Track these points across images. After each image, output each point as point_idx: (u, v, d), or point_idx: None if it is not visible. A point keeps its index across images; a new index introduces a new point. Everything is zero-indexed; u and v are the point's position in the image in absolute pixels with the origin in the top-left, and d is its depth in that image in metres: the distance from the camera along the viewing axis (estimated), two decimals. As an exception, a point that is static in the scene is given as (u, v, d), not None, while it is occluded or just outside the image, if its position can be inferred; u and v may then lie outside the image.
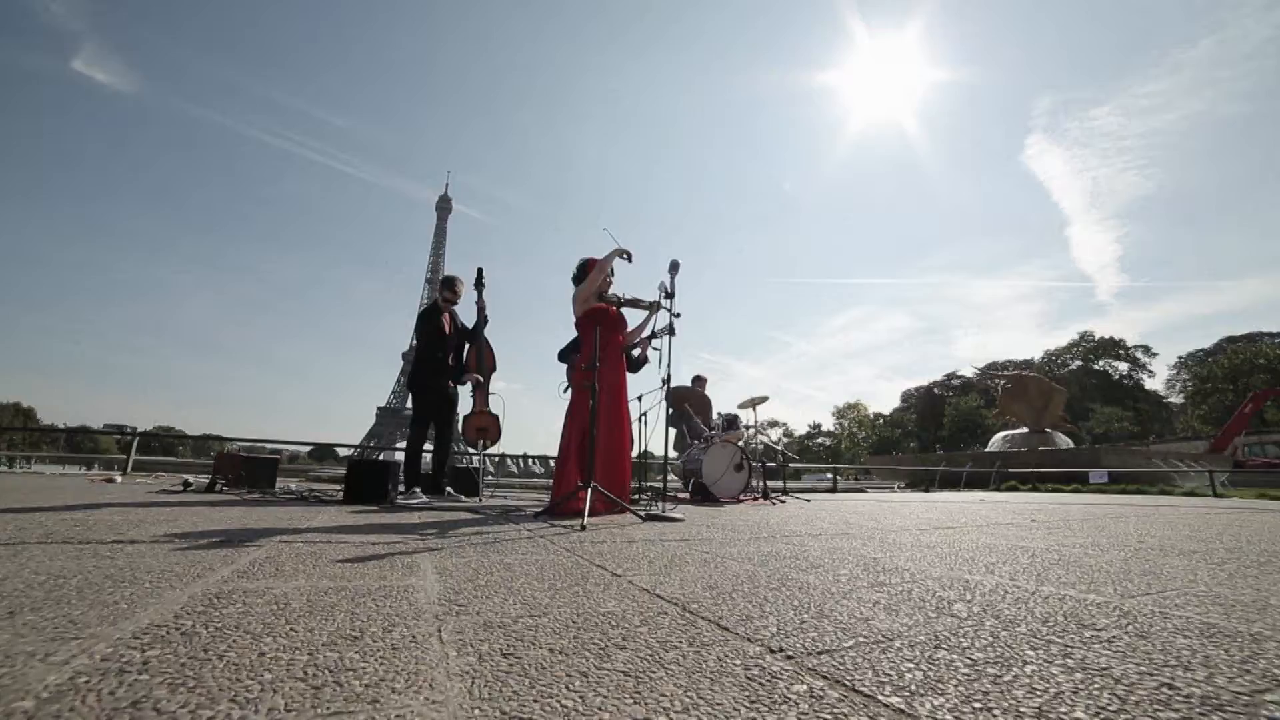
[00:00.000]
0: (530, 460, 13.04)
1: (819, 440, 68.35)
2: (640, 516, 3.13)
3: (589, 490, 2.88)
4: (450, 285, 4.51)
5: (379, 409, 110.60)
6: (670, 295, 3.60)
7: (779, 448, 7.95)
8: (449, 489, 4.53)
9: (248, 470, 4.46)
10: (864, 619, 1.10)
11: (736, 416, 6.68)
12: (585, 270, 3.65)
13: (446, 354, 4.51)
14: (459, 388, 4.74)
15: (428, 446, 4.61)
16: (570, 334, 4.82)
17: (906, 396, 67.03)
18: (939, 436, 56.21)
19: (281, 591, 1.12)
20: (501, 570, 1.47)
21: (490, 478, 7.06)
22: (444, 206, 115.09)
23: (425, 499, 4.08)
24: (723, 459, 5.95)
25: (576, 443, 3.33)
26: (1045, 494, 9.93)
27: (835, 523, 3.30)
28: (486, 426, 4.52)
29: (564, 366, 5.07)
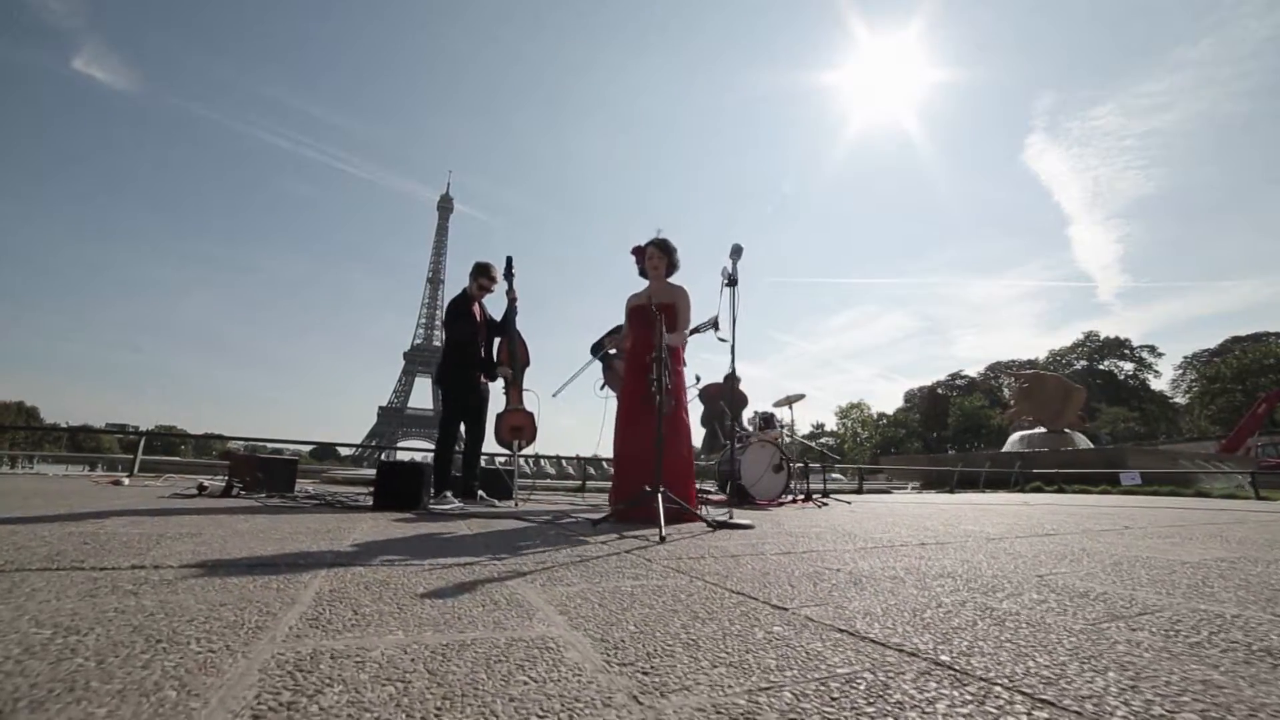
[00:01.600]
0: (542, 461, 12.69)
1: (822, 440, 67.93)
2: (709, 524, 2.81)
3: (660, 496, 2.55)
4: (485, 272, 4.17)
5: (380, 408, 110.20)
6: (734, 282, 3.28)
7: (820, 447, 7.62)
8: (481, 493, 4.21)
9: (265, 472, 4.13)
10: (1214, 684, 0.77)
11: (773, 415, 6.35)
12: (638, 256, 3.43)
13: (478, 347, 4.18)
14: (489, 384, 4.41)
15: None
16: (600, 330, 4.53)
17: (910, 396, 66.69)
18: (943, 436, 55.88)
19: (383, 654, 0.80)
20: (634, 605, 1.14)
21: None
22: (445, 206, 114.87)
23: (458, 503, 3.76)
24: (762, 460, 5.63)
25: (636, 445, 3.01)
26: (1078, 495, 9.59)
27: (912, 529, 2.98)
28: (521, 426, 4.19)
29: (591, 366, 4.77)
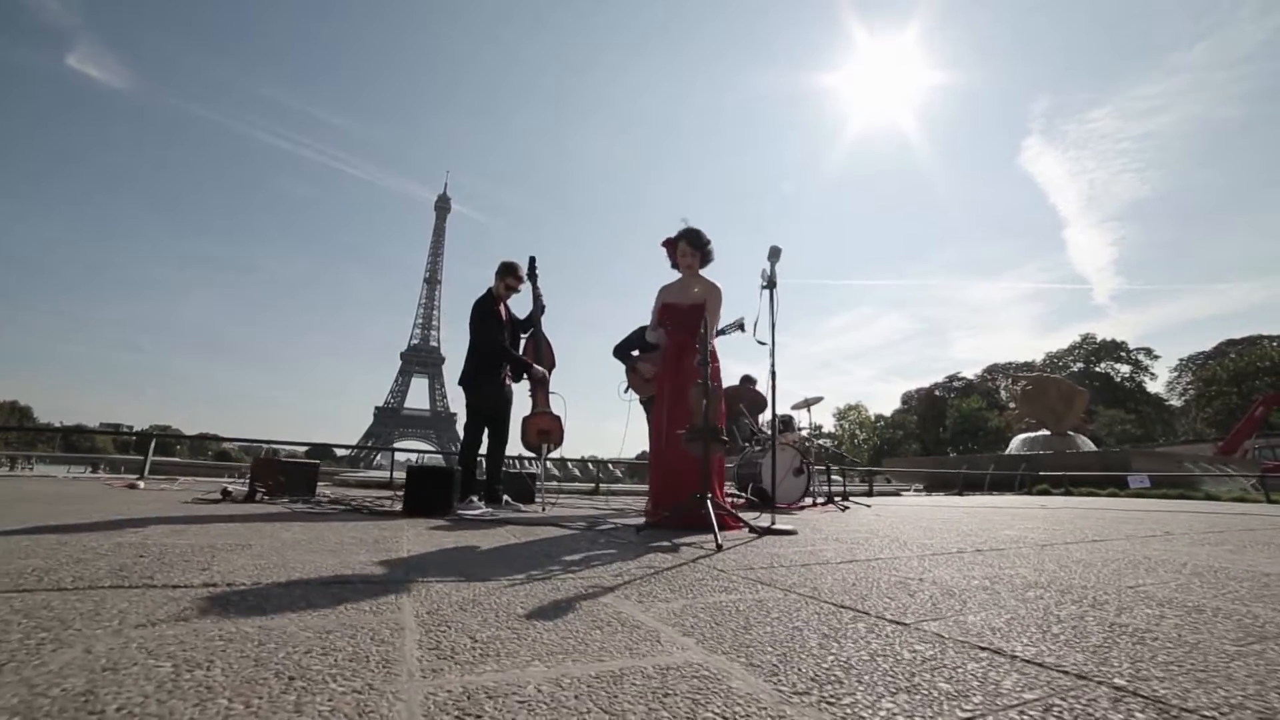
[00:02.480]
0: (548, 463, 12.62)
1: (820, 442, 67.80)
2: (754, 530, 2.75)
3: (709, 503, 2.49)
4: (512, 272, 4.09)
5: (376, 409, 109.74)
6: (773, 285, 3.22)
7: (840, 449, 7.58)
8: (506, 497, 4.14)
9: (287, 476, 4.05)
10: None
11: (792, 418, 6.31)
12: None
13: (505, 347, 4.11)
14: (514, 386, 4.34)
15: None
16: (626, 329, 4.47)
17: (907, 398, 66.82)
18: (941, 438, 56.02)
19: (539, 689, 0.73)
20: (751, 624, 1.08)
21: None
22: (443, 206, 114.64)
23: (486, 508, 3.69)
24: (782, 462, 5.57)
25: (677, 450, 2.94)
26: (1088, 498, 9.58)
27: (954, 535, 2.94)
28: (549, 429, 4.12)
29: (612, 367, 4.70)
